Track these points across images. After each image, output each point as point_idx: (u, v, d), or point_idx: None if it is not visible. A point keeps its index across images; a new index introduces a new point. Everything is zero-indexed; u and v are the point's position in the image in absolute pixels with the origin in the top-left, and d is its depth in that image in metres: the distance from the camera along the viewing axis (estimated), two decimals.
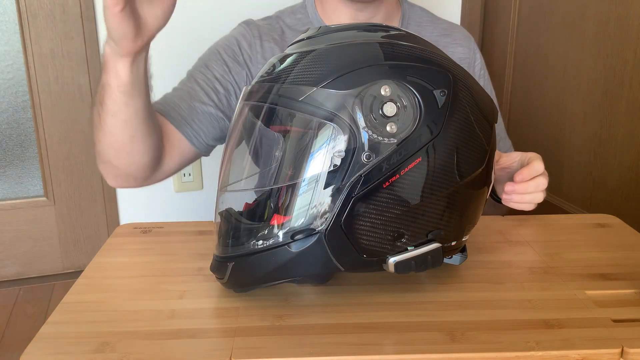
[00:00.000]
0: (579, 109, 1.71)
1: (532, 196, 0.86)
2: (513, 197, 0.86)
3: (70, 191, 1.91)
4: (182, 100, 0.97)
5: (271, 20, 1.07)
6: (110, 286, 0.70)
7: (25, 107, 1.83)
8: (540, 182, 0.85)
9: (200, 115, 0.97)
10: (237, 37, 1.03)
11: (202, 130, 0.97)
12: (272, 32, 1.03)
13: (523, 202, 0.86)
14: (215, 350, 0.57)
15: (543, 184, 0.86)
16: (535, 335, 0.59)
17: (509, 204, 0.88)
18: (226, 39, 1.04)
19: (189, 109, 0.96)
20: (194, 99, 0.97)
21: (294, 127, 0.65)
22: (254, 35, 1.03)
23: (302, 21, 1.06)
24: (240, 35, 1.03)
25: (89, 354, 0.57)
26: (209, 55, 1.02)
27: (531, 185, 0.85)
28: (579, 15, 1.67)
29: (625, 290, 0.68)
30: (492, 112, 0.68)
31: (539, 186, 0.85)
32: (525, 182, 0.85)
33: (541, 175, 0.86)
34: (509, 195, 0.86)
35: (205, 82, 0.99)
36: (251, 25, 1.04)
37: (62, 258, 1.95)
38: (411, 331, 0.60)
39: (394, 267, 0.62)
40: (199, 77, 0.99)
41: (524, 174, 0.85)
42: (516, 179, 0.86)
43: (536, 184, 0.85)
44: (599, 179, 1.66)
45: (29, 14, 1.73)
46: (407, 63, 0.62)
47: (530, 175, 0.85)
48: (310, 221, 0.60)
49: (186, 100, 0.97)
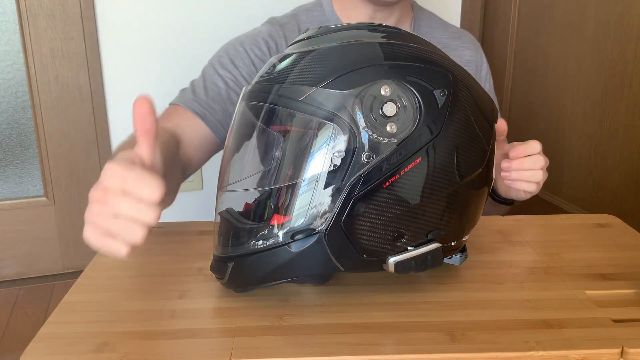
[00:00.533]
0: (579, 108, 1.71)
1: (530, 173, 0.85)
2: (512, 174, 0.85)
3: (70, 191, 1.91)
4: (214, 102, 0.97)
5: (289, 18, 1.07)
6: (110, 286, 0.70)
7: (25, 107, 1.83)
8: (537, 160, 0.85)
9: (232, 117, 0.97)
10: (264, 37, 1.02)
11: None
12: (291, 33, 1.04)
13: (521, 180, 0.85)
14: (215, 350, 0.57)
15: (540, 161, 0.85)
16: (535, 335, 0.59)
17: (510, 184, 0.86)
18: (252, 38, 1.03)
19: (222, 112, 0.97)
20: (225, 102, 0.98)
21: (294, 127, 0.65)
22: (280, 35, 1.03)
23: (319, 19, 1.06)
24: (268, 35, 1.03)
25: (89, 354, 0.57)
26: (235, 52, 1.01)
27: (527, 161, 0.85)
28: (579, 15, 1.67)
29: (625, 290, 0.68)
30: (492, 112, 0.68)
31: (536, 163, 0.85)
32: (521, 158, 0.84)
33: (538, 154, 0.85)
34: (507, 173, 0.85)
35: (234, 82, 0.99)
36: (275, 25, 1.04)
37: (62, 258, 1.95)
38: (411, 331, 0.60)
39: (394, 267, 0.62)
40: (227, 77, 0.99)
41: (519, 150, 0.85)
42: (511, 155, 0.85)
43: (533, 161, 0.85)
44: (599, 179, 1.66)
45: (29, 14, 1.73)
46: (407, 63, 0.62)
47: (525, 152, 0.85)
48: (310, 221, 0.60)
49: (219, 102, 0.97)
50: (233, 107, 0.96)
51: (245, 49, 1.01)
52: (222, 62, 1.01)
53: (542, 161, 0.85)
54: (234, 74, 0.99)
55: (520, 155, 0.85)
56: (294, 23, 1.05)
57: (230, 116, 0.96)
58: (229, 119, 0.97)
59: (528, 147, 0.85)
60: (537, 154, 0.85)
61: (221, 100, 0.97)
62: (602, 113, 1.62)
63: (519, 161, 0.85)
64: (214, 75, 1.00)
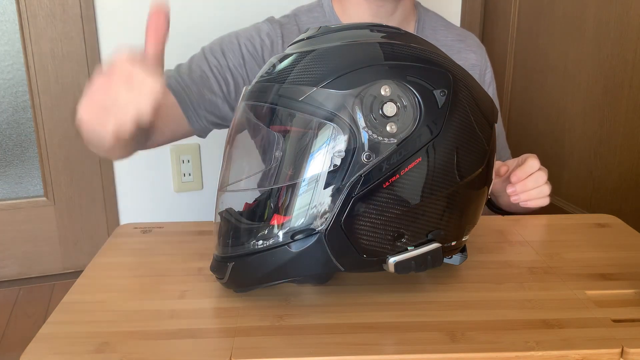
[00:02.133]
0: (579, 108, 1.71)
1: (536, 191, 0.87)
2: (520, 196, 0.87)
3: (70, 191, 1.91)
4: (193, 83, 0.97)
5: (289, 18, 1.07)
6: (110, 286, 0.70)
7: (25, 107, 1.83)
8: (539, 177, 0.87)
9: (207, 103, 0.98)
10: (260, 34, 1.03)
11: (205, 117, 0.98)
12: (290, 34, 1.04)
13: (531, 199, 0.88)
14: (215, 350, 0.57)
15: (542, 177, 0.87)
16: (535, 335, 0.59)
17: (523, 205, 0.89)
18: (249, 32, 1.03)
19: (198, 95, 0.97)
20: (204, 86, 0.97)
21: (294, 127, 0.65)
22: (277, 34, 1.03)
23: (319, 19, 1.06)
24: (265, 33, 1.03)
25: (89, 354, 0.57)
26: (229, 43, 1.02)
27: (530, 181, 0.87)
28: (579, 15, 1.67)
29: (625, 290, 0.68)
30: (492, 112, 0.68)
31: (538, 181, 0.87)
32: (524, 180, 0.87)
33: (538, 171, 0.87)
34: (516, 196, 0.88)
35: (218, 70, 0.99)
36: (275, 25, 1.04)
37: (62, 258, 1.95)
38: (411, 331, 0.60)
39: (394, 267, 0.62)
40: (213, 63, 0.99)
41: (519, 174, 0.87)
42: (512, 179, 0.88)
43: (535, 180, 0.87)
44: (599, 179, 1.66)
45: (29, 14, 1.73)
46: (407, 63, 0.62)
47: (525, 174, 0.87)
48: (310, 221, 0.60)
49: (198, 84, 0.97)
50: (210, 94, 0.97)
51: (239, 42, 1.01)
52: (213, 48, 1.01)
53: (544, 176, 0.88)
54: (221, 62, 0.99)
55: (522, 178, 0.87)
56: (294, 23, 1.05)
57: (205, 101, 0.97)
58: (202, 102, 0.97)
59: (527, 167, 0.87)
60: (538, 170, 0.87)
61: (201, 83, 0.97)
62: (602, 113, 1.62)
63: (522, 184, 0.87)
64: (202, 59, 1.00)
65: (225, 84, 0.99)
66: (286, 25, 1.05)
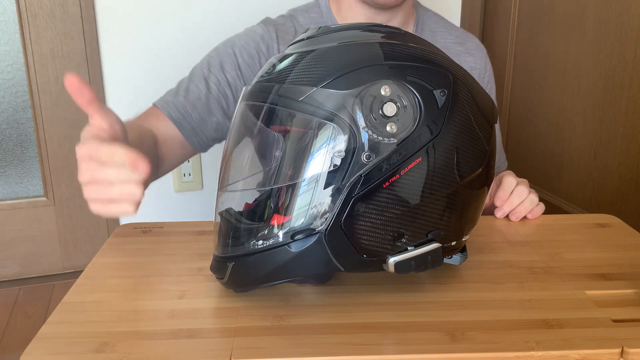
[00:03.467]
0: (579, 109, 1.71)
1: (525, 204, 0.88)
2: (511, 216, 0.89)
3: (70, 191, 1.91)
4: (194, 109, 0.98)
5: (285, 19, 1.06)
6: (110, 286, 0.70)
7: (25, 107, 1.83)
8: (521, 190, 0.88)
9: (208, 125, 0.99)
10: (255, 39, 1.02)
11: (207, 136, 1.00)
12: (286, 34, 1.03)
13: (524, 212, 0.88)
14: (215, 350, 0.57)
15: (524, 190, 0.88)
16: (535, 335, 0.59)
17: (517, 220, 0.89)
18: (244, 40, 1.02)
19: (199, 120, 0.98)
20: (204, 109, 0.98)
21: (294, 127, 0.65)
22: (272, 37, 1.02)
23: (316, 20, 1.06)
24: (259, 37, 1.02)
25: (89, 354, 0.57)
26: (226, 55, 1.01)
27: (514, 198, 0.88)
28: (579, 15, 1.67)
29: (625, 290, 0.68)
30: (492, 112, 0.68)
31: (522, 195, 0.88)
32: (508, 200, 0.88)
33: (517, 186, 0.89)
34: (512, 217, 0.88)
35: (217, 88, 0.99)
36: (269, 27, 1.03)
37: (62, 258, 1.95)
38: (411, 331, 0.60)
39: (394, 267, 0.62)
40: (212, 81, 0.99)
41: (500, 195, 0.89)
42: (497, 203, 0.89)
43: (518, 195, 0.88)
44: (599, 179, 1.66)
45: (29, 14, 1.73)
46: (407, 63, 0.62)
47: (507, 193, 0.89)
48: (310, 221, 0.60)
49: (198, 109, 0.98)
50: (210, 116, 0.98)
51: (235, 52, 1.01)
52: (211, 62, 1.01)
53: (525, 189, 0.89)
54: (220, 78, 1.00)
55: (505, 199, 0.88)
56: (290, 24, 1.05)
57: (206, 125, 0.99)
58: (203, 127, 0.99)
59: (506, 186, 0.89)
60: (516, 186, 0.89)
61: (200, 106, 0.98)
62: (602, 113, 1.62)
63: (507, 203, 0.88)
64: (200, 77, 1.00)
65: (225, 100, 0.99)
66: (282, 26, 1.04)
